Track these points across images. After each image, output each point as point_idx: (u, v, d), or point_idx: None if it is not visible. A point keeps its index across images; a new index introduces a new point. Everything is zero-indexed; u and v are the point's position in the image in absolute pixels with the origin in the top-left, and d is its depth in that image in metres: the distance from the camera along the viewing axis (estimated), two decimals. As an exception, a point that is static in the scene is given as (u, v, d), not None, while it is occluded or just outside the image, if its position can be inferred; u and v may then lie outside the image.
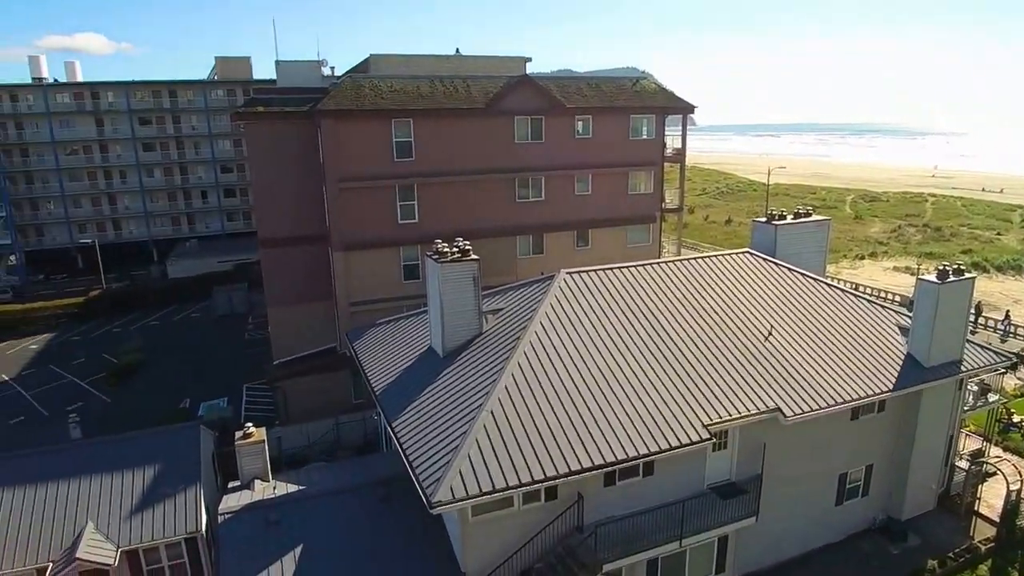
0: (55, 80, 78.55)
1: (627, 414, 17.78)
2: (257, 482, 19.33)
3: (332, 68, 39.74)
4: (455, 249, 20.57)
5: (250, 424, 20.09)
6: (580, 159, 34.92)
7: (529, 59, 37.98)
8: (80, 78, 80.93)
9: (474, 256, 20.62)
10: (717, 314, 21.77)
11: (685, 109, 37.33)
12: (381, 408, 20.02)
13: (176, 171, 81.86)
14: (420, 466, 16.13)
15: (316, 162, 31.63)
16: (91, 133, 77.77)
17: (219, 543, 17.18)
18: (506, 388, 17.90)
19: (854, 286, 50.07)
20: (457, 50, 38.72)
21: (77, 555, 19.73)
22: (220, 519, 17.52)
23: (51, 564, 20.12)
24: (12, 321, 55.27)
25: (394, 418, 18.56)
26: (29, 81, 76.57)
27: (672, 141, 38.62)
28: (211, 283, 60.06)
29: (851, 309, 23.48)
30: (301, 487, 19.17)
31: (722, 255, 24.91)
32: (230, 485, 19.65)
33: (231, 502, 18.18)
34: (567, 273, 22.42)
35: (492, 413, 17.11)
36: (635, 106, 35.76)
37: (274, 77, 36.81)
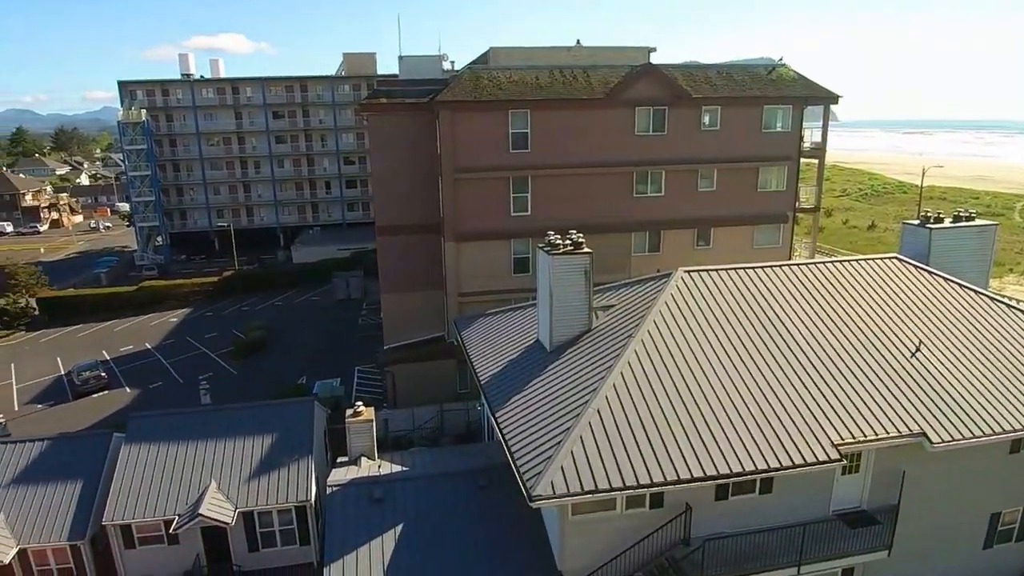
0: (201, 76, 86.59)
1: (746, 424, 16.79)
2: (364, 459, 20.17)
3: (452, 63, 40.92)
4: (568, 241, 20.38)
5: (360, 403, 21.01)
6: (705, 153, 33.55)
7: (654, 49, 37.03)
8: (223, 75, 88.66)
9: (587, 249, 20.33)
10: (856, 324, 20.06)
11: (827, 99, 34.84)
12: (485, 398, 20.24)
13: (304, 162, 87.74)
14: (522, 458, 16.11)
15: (433, 153, 32.58)
16: (231, 125, 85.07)
17: (326, 514, 18.08)
18: (614, 387, 17.49)
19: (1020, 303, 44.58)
20: (578, 41, 38.45)
21: (200, 511, 21.64)
22: (328, 491, 18.44)
23: (177, 517, 22.21)
24: (157, 296, 61.68)
25: (498, 408, 18.69)
26: (179, 77, 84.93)
27: (810, 135, 36.18)
28: (331, 269, 64.04)
29: (1017, 328, 20.85)
30: (405, 468, 19.79)
31: (866, 259, 22.94)
32: (338, 460, 20.65)
33: (339, 476, 19.08)
34: (685, 271, 21.58)
35: (599, 411, 16.78)
36: (770, 96, 33.81)
37: (397, 72, 38.40)
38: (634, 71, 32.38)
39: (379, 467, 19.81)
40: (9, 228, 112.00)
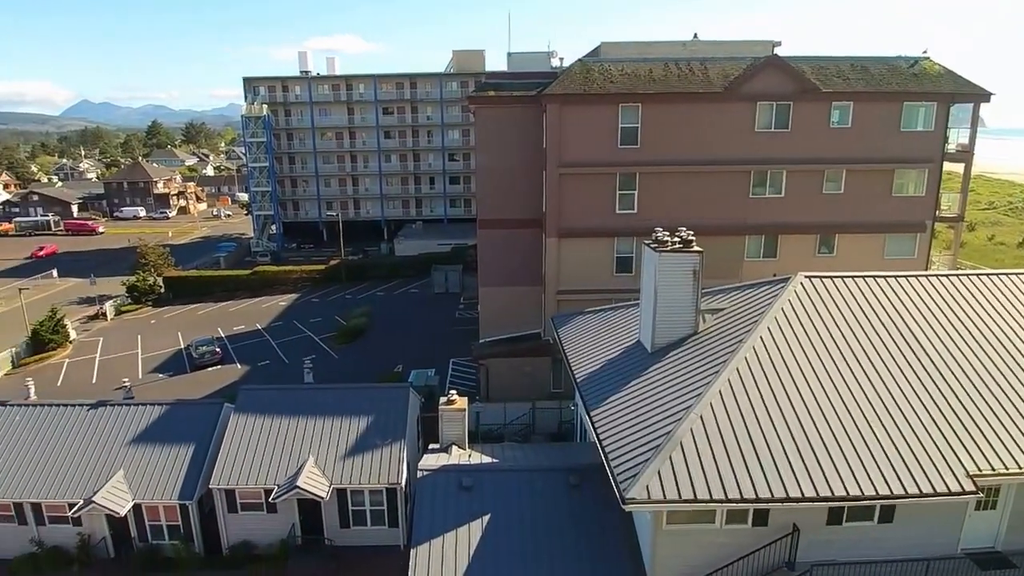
0: (318, 73, 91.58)
1: (867, 444, 15.55)
2: (455, 448, 20.45)
3: (561, 59, 40.84)
4: (677, 239, 19.75)
5: (454, 392, 21.33)
6: (833, 152, 31.52)
7: (778, 43, 35.21)
8: (338, 72, 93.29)
9: (697, 248, 19.61)
10: (1002, 343, 18.13)
11: (978, 97, 31.78)
12: (581, 396, 19.98)
13: (410, 158, 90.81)
14: (617, 459, 15.73)
15: (539, 147, 32.64)
16: (343, 121, 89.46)
17: (415, 498, 18.46)
18: (720, 393, 16.74)
19: None
20: (695, 35, 37.32)
21: (298, 483, 22.75)
22: (419, 475, 18.83)
23: (276, 487, 23.48)
24: (269, 280, 65.91)
25: (594, 408, 18.39)
26: (297, 74, 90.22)
27: (955, 135, 33.16)
28: (431, 263, 65.95)
29: None
30: (495, 460, 19.88)
31: (1017, 274, 20.74)
32: (430, 446, 21.06)
33: (430, 461, 19.44)
34: (806, 276, 20.36)
35: (701, 418, 16.11)
36: (912, 91, 31.21)
37: (505, 69, 38.77)
38: (757, 63, 30.97)
39: (469, 456, 20.03)
40: (143, 213, 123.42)
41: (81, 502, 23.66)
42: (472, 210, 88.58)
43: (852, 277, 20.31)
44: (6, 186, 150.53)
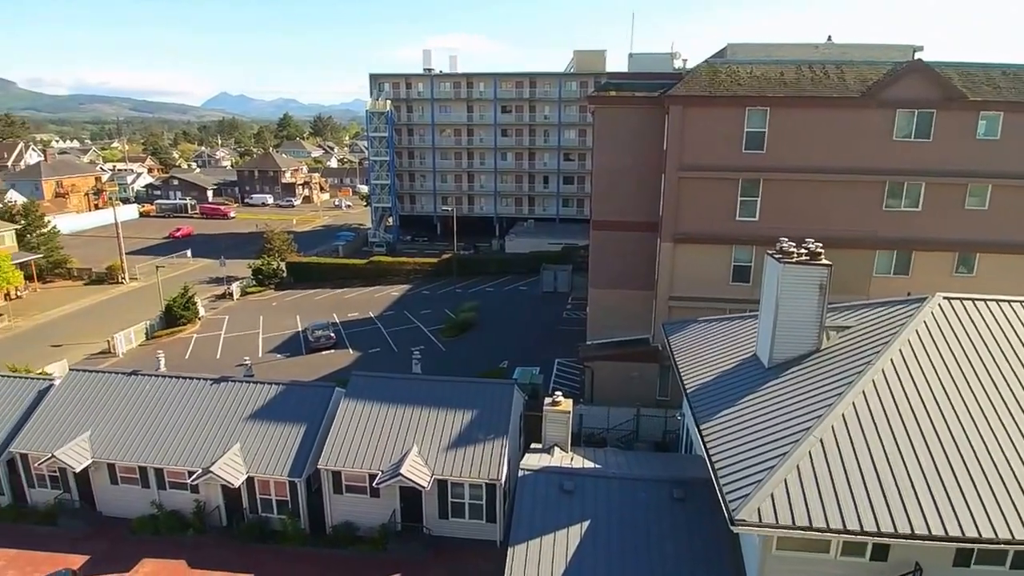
0: (440, 71, 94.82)
1: (1003, 483, 14.30)
2: (557, 449, 20.70)
3: (685, 61, 40.13)
4: (803, 250, 18.96)
5: (560, 393, 21.59)
6: (978, 165, 28.99)
7: (920, 47, 32.82)
8: (459, 70, 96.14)
9: (826, 261, 18.73)
10: None
11: None
12: (690, 407, 19.64)
13: (525, 156, 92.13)
14: (726, 477, 15.38)
15: (658, 149, 32.24)
16: (462, 118, 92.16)
17: (516, 497, 18.86)
18: (843, 416, 15.95)
19: None
20: (829, 37, 35.45)
21: (401, 471, 23.80)
22: (520, 474, 19.23)
23: (380, 472, 24.69)
24: (384, 270, 69.21)
25: (704, 421, 18.04)
26: (421, 71, 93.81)
27: None
28: (541, 261, 66.81)
29: None
30: (597, 465, 19.94)
31: None
32: (532, 446, 21.45)
33: (531, 461, 19.80)
34: (945, 297, 18.94)
35: (821, 441, 15.43)
36: (1074, 102, 28.17)
37: (626, 70, 38.56)
38: (899, 68, 29.02)
39: (571, 459, 20.20)
40: (270, 200, 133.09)
41: (199, 471, 25.64)
42: (584, 210, 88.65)
43: (996, 301, 18.71)
44: (150, 170, 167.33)
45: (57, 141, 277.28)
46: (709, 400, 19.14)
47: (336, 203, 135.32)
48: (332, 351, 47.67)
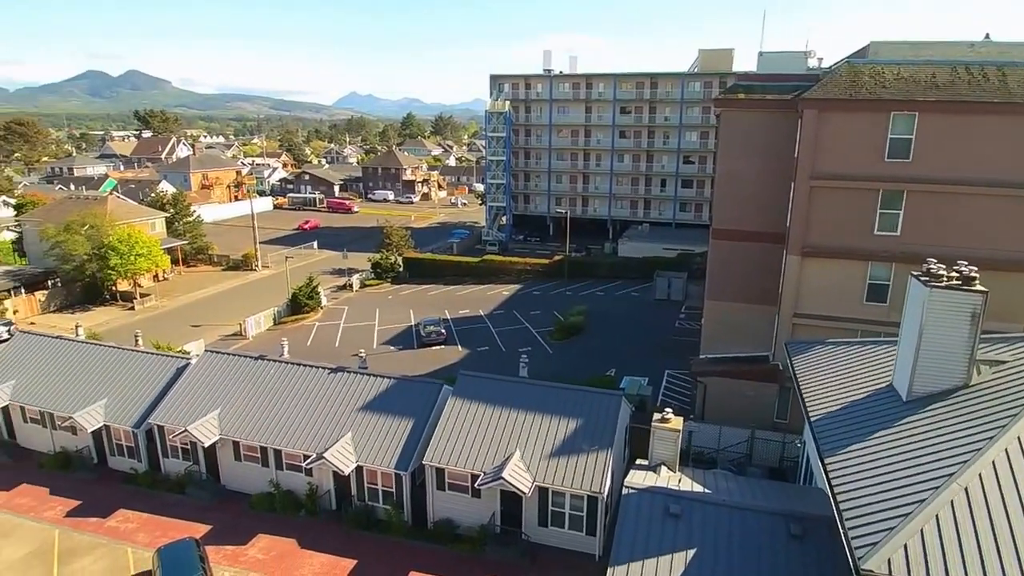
0: (560, 71, 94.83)
1: None
2: (664, 468, 20.01)
3: (820, 60, 37.63)
4: (955, 273, 17.13)
5: (670, 410, 20.85)
6: None
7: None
8: (578, 71, 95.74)
9: (981, 287, 16.82)
10: None
11: None
12: (814, 436, 18.32)
13: (643, 158, 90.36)
14: (854, 519, 14.16)
15: (789, 155, 30.44)
16: (580, 119, 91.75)
17: (619, 514, 18.38)
18: (993, 464, 14.24)
19: None
20: (987, 35, 31.97)
21: (503, 475, 23.89)
22: (624, 491, 18.72)
23: (483, 474, 24.93)
24: (495, 269, 70.24)
25: (829, 453, 16.75)
26: (540, 72, 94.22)
27: None
28: (654, 267, 65.17)
29: None
30: (706, 489, 19.07)
31: None
32: (638, 462, 20.84)
33: (637, 479, 19.24)
34: None
35: (966, 491, 13.85)
36: None
37: (754, 70, 36.73)
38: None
39: (679, 481, 19.45)
40: (391, 196, 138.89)
41: (314, 456, 27.17)
42: (703, 216, 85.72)
43: None
44: (285, 165, 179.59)
45: (205, 136, 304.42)
46: (836, 431, 17.75)
47: (452, 201, 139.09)
48: (442, 347, 48.94)
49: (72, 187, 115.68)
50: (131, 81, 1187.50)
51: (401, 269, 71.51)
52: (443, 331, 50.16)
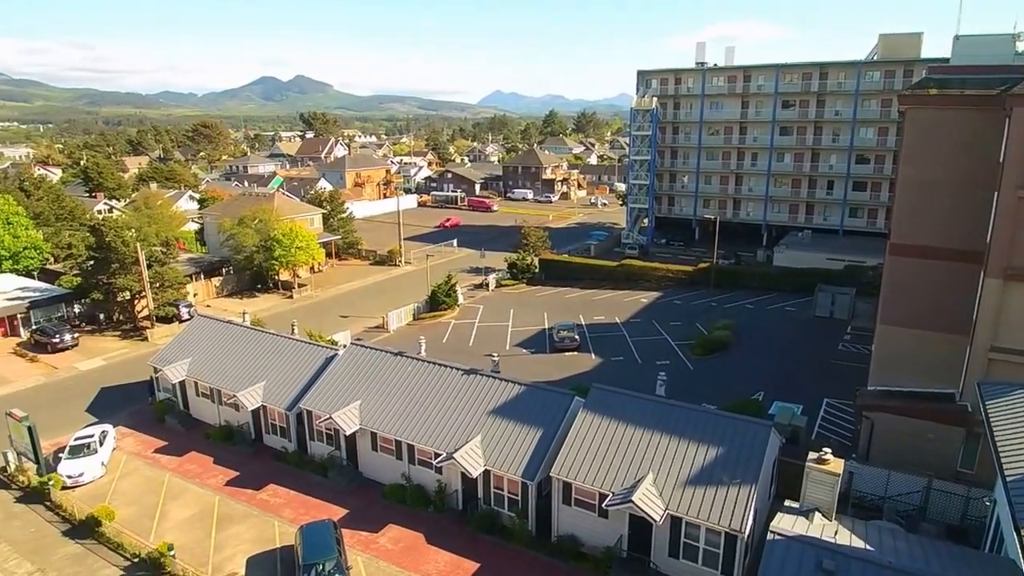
0: (714, 64, 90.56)
1: None
2: (817, 515, 18.09)
3: (1036, 42, 32.58)
4: None
5: (829, 450, 18.77)
6: None
7: None
8: (736, 63, 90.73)
9: None
10: None
11: None
12: (1008, 497, 15.65)
13: (806, 157, 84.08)
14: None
15: (991, 160, 26.59)
16: (735, 115, 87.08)
17: (763, 560, 16.77)
18: None
19: None
20: None
21: (632, 498, 22.85)
22: (769, 536, 17.09)
23: (611, 495, 24.00)
24: (634, 274, 68.36)
25: (1032, 522, 14.16)
26: (692, 66, 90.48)
27: None
28: (815, 279, 59.87)
29: None
30: (868, 546, 16.92)
31: None
32: (787, 503, 19.03)
33: (785, 524, 17.51)
34: None
35: None
36: None
37: (948, 57, 32.54)
38: None
39: (835, 532, 17.44)
40: (530, 195, 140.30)
41: (444, 455, 27.95)
42: (877, 223, 78.33)
43: None
44: (430, 164, 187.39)
45: (359, 136, 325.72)
46: (1044, 496, 15.01)
47: (592, 200, 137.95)
48: (575, 353, 48.29)
49: (246, 184, 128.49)
50: (299, 85, 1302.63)
51: (537, 270, 71.72)
52: (577, 337, 49.46)
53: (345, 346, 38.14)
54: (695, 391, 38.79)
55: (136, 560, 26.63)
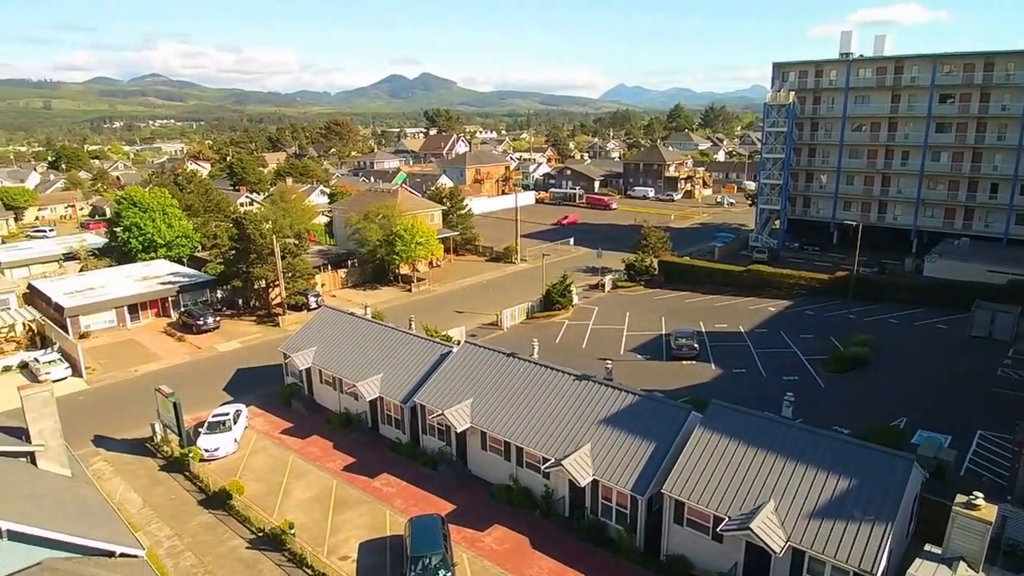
0: (860, 55, 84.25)
1: None
2: (962, 565, 16.52)
3: None
4: None
5: (980, 494, 16.97)
6: None
7: None
8: (887, 52, 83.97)
9: None
10: None
11: None
12: None
13: (966, 156, 76.65)
14: None
15: None
16: (883, 109, 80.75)
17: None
18: None
19: None
20: None
21: (751, 525, 21.83)
22: (906, 584, 15.67)
23: (726, 519, 23.02)
24: (762, 280, 65.00)
25: None
26: (835, 57, 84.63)
27: None
28: (973, 294, 54.23)
29: None
30: (1027, 608, 15.13)
31: None
32: (927, 548, 17.45)
33: (924, 572, 16.06)
34: None
35: None
36: None
37: None
38: None
39: (986, 587, 15.73)
40: (651, 193, 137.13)
41: (552, 460, 27.98)
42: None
43: None
44: (549, 160, 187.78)
45: (480, 132, 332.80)
46: None
47: (718, 200, 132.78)
48: (693, 362, 46.72)
49: (372, 179, 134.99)
50: (424, 83, 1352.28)
51: (656, 272, 70.05)
52: (696, 345, 47.79)
53: (459, 342, 39.08)
54: (826, 413, 36.45)
55: (260, 535, 28.71)
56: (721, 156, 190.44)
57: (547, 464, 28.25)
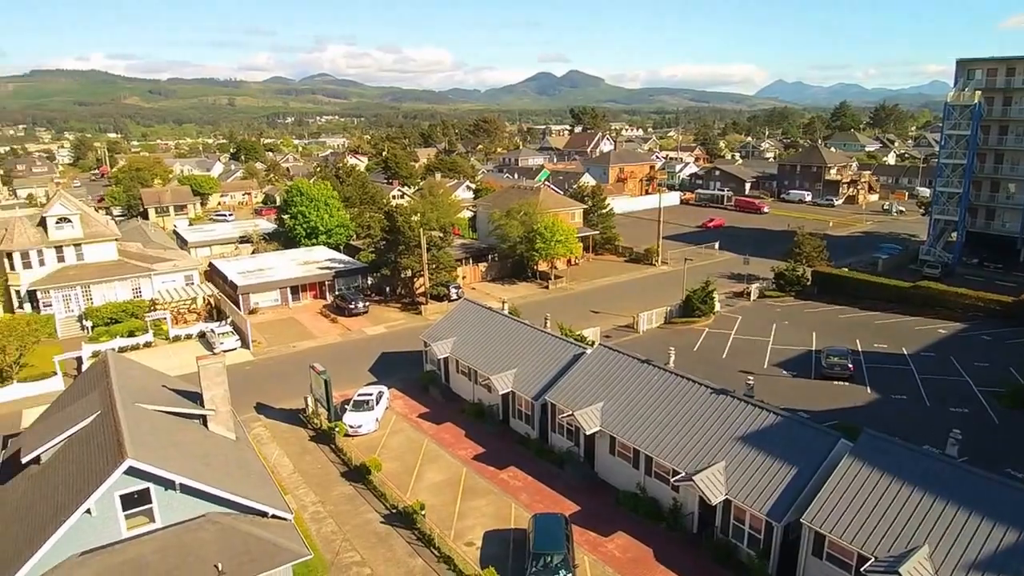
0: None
1: None
2: None
3: None
4: None
5: None
6: None
7: None
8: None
9: None
10: None
11: None
12: None
13: None
14: None
15: None
16: (1096, 110, 70.59)
17: None
18: None
19: None
20: None
21: (899, 570, 20.06)
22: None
23: (873, 559, 21.23)
24: (932, 299, 58.93)
25: None
26: (1031, 54, 75.00)
27: None
28: None
29: None
30: None
31: None
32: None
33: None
34: None
35: None
36: None
37: None
38: None
39: None
40: (808, 197, 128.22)
41: (683, 474, 27.18)
42: None
43: None
44: (697, 160, 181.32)
45: (626, 130, 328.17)
46: None
47: (885, 207, 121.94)
48: (846, 384, 43.38)
49: (516, 176, 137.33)
50: (571, 80, 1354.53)
51: (809, 283, 65.71)
52: (850, 365, 44.26)
53: (594, 343, 38.94)
54: (998, 452, 32.72)
55: (393, 511, 30.31)
56: (891, 159, 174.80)
57: (677, 477, 27.52)
